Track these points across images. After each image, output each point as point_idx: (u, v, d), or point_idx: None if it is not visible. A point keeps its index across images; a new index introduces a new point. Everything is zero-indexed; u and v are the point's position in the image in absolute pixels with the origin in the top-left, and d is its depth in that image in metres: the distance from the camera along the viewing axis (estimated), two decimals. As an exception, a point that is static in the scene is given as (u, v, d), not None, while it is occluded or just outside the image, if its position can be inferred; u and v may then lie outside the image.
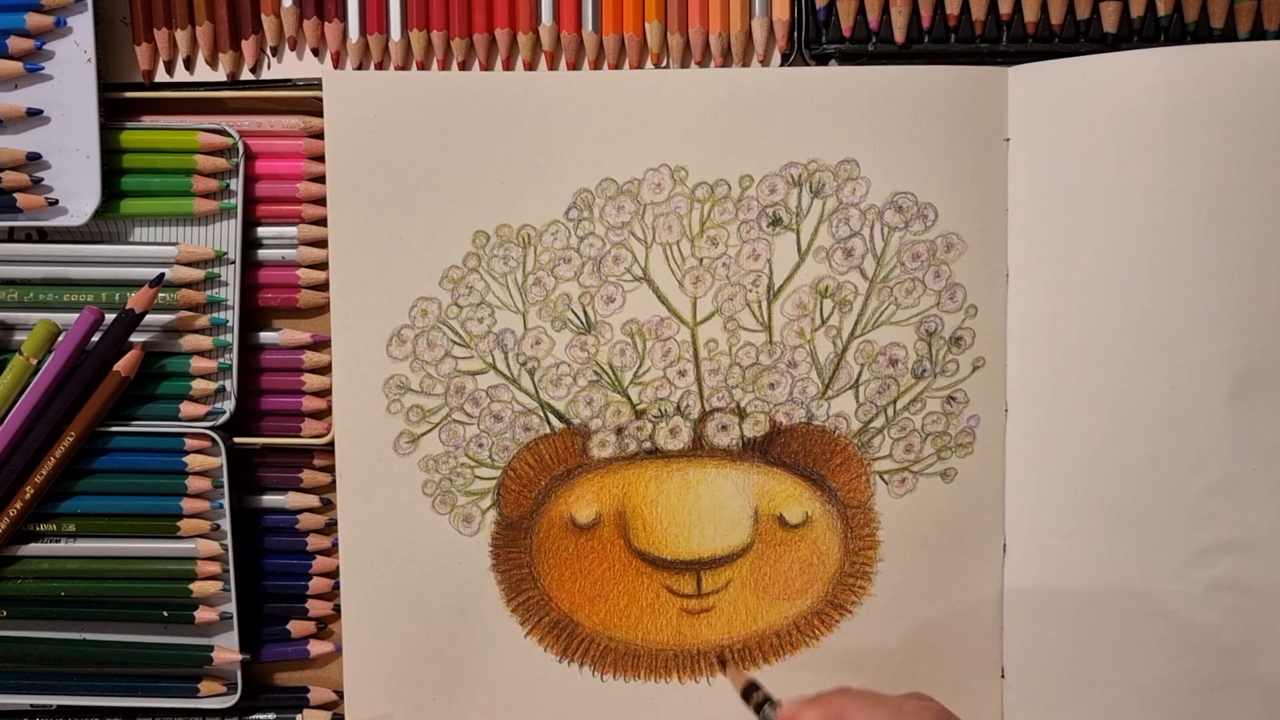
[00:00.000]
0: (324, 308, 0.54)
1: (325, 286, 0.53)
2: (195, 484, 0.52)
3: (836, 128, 0.51)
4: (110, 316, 0.52)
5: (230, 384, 0.53)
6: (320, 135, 0.52)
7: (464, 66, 0.53)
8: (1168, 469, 0.50)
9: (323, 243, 0.53)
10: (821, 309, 0.52)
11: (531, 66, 0.53)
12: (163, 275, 0.52)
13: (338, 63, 0.53)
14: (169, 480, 0.53)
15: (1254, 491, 0.50)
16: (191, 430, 0.52)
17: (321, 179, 0.52)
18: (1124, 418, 0.50)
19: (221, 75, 0.53)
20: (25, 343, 0.51)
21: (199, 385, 0.53)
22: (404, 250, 0.52)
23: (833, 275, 0.52)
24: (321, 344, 0.54)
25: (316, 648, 0.55)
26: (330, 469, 0.54)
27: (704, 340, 0.52)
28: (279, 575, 0.55)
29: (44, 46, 0.51)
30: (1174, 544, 0.50)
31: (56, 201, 0.51)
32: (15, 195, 0.51)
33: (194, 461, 0.52)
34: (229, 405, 0.53)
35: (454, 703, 0.54)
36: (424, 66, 0.53)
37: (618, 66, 0.53)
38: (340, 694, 0.55)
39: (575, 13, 0.52)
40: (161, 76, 0.53)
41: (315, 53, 0.53)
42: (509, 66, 0.53)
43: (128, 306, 0.51)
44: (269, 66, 0.54)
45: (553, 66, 0.53)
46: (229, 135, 0.52)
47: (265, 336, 0.54)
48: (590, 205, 0.52)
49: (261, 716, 0.55)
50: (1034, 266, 0.51)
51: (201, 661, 0.54)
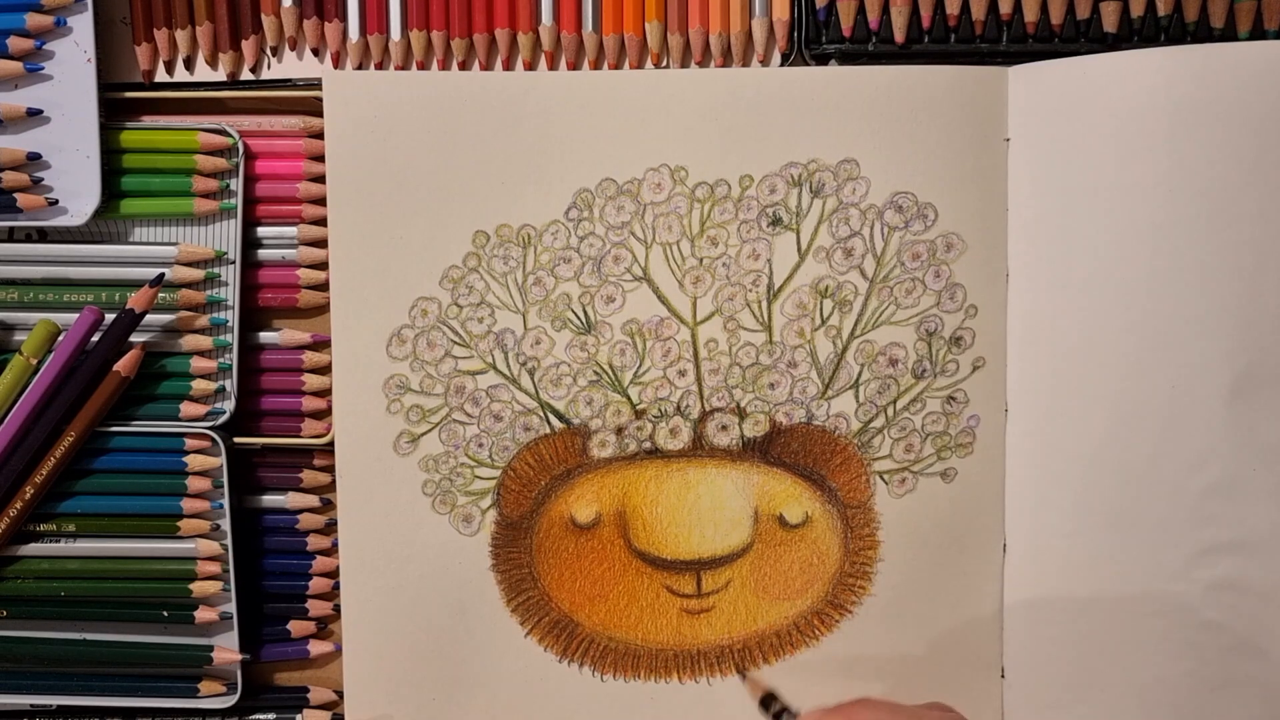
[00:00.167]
0: (324, 308, 0.54)
1: (325, 286, 0.53)
2: (195, 484, 0.52)
3: (836, 128, 0.51)
4: (110, 316, 0.52)
5: (230, 384, 0.53)
6: (320, 135, 0.52)
7: (464, 66, 0.53)
8: (1168, 469, 0.50)
9: (323, 243, 0.53)
10: (821, 309, 0.52)
11: (531, 66, 0.53)
12: (163, 275, 0.52)
13: (338, 63, 0.53)
14: (169, 480, 0.53)
15: (1254, 491, 0.50)
16: (191, 430, 0.52)
17: (321, 179, 0.52)
18: (1124, 418, 0.50)
19: (221, 75, 0.53)
20: (25, 343, 0.51)
21: (199, 385, 0.53)
22: (404, 250, 0.52)
23: (833, 275, 0.52)
24: (321, 344, 0.54)
25: (316, 648, 0.55)
26: (330, 469, 0.54)
27: (704, 340, 0.52)
28: (279, 575, 0.55)
29: (44, 46, 0.51)
30: (1174, 544, 0.50)
31: (56, 201, 0.51)
32: (15, 195, 0.51)
33: (194, 461, 0.52)
34: (229, 405, 0.53)
35: (454, 703, 0.54)
36: (424, 66, 0.53)
37: (618, 66, 0.53)
38: (340, 694, 0.55)
39: (575, 13, 0.52)
40: (161, 76, 0.54)
41: (315, 53, 0.53)
42: (509, 66, 0.53)
43: (128, 306, 0.51)
44: (269, 66, 0.54)
45: (553, 66, 0.53)
46: (229, 135, 0.52)
47: (265, 336, 0.54)
48: (590, 205, 0.52)
49: (261, 716, 0.55)
50: (1034, 266, 0.51)
51: (201, 661, 0.54)
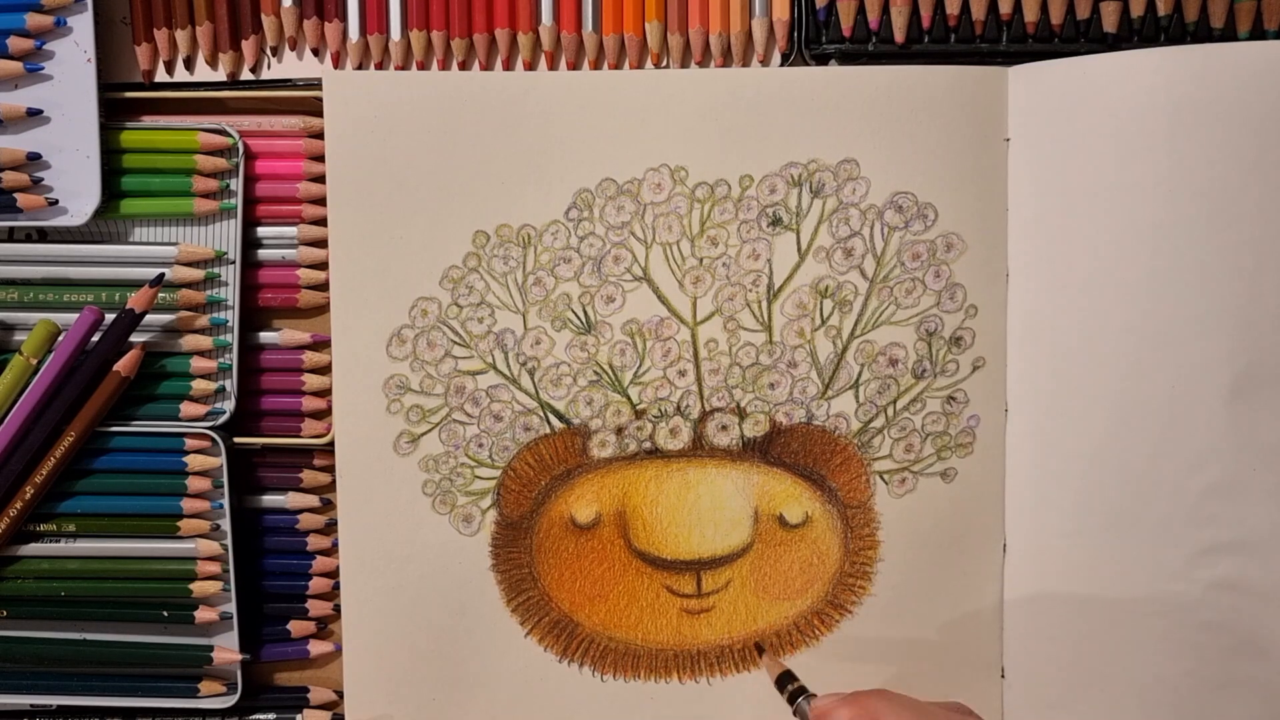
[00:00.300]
0: (324, 308, 0.54)
1: (325, 286, 0.53)
2: (195, 484, 0.52)
3: (836, 128, 0.51)
4: (110, 316, 0.52)
5: (230, 384, 0.53)
6: (320, 135, 0.52)
7: (464, 66, 0.53)
8: (1168, 469, 0.50)
9: (323, 243, 0.53)
10: (821, 309, 0.52)
11: (531, 66, 0.53)
12: (163, 275, 0.52)
13: (338, 63, 0.53)
14: (169, 480, 0.53)
15: (1254, 491, 0.50)
16: (191, 430, 0.52)
17: (321, 179, 0.52)
18: (1124, 418, 0.50)
19: (221, 75, 0.53)
20: (25, 343, 0.51)
21: (199, 385, 0.53)
22: (404, 250, 0.52)
23: (833, 275, 0.52)
24: (321, 344, 0.54)
25: (316, 648, 0.55)
26: (330, 469, 0.54)
27: (704, 340, 0.52)
28: (279, 575, 0.55)
29: (44, 46, 0.51)
30: (1174, 544, 0.50)
31: (56, 201, 0.51)
32: (15, 195, 0.51)
33: (194, 461, 0.52)
34: (229, 405, 0.53)
35: (454, 703, 0.54)
36: (424, 66, 0.53)
37: (618, 66, 0.53)
38: (340, 694, 0.55)
39: (575, 13, 0.52)
40: (161, 76, 0.54)
41: (315, 53, 0.53)
42: (509, 66, 0.53)
43: (128, 306, 0.51)
44: (269, 66, 0.54)
45: (553, 66, 0.53)
46: (229, 135, 0.52)
47: (265, 336, 0.54)
48: (590, 205, 0.52)
49: (261, 716, 0.55)
50: (1034, 266, 0.51)
51: (201, 661, 0.54)
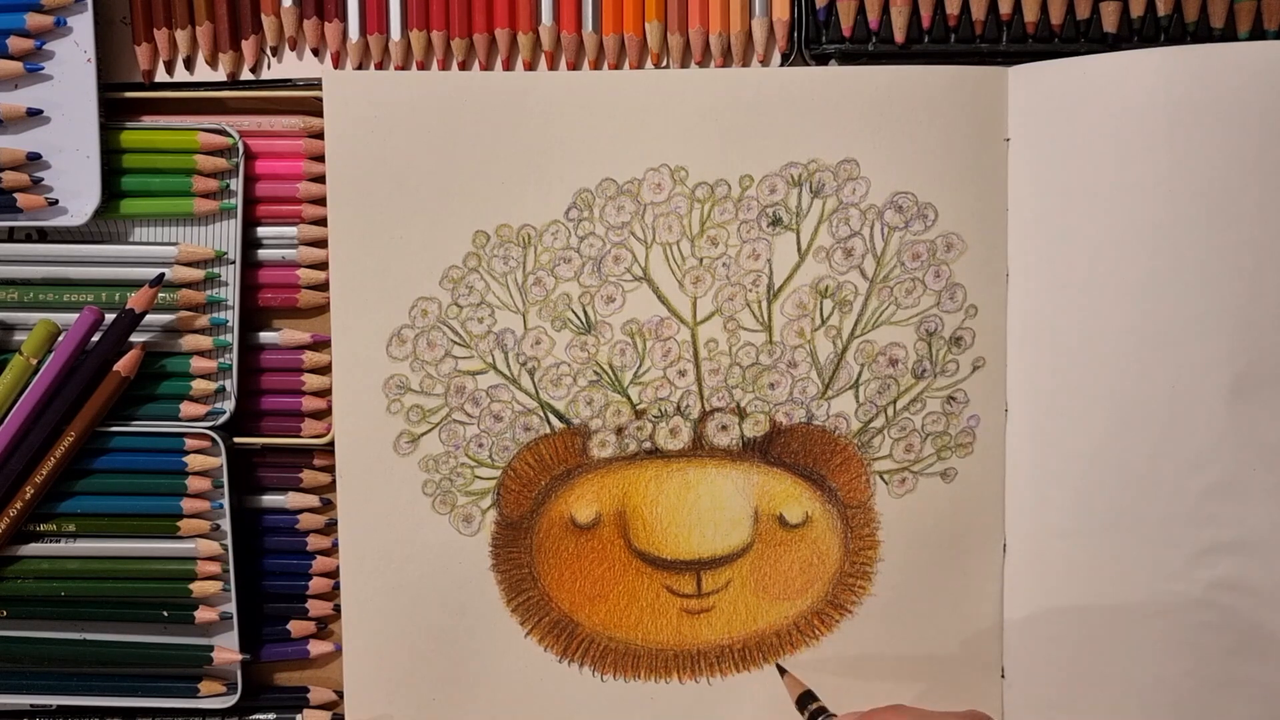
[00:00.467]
0: (324, 308, 0.54)
1: (325, 286, 0.53)
2: (195, 484, 0.52)
3: (836, 128, 0.51)
4: (110, 316, 0.52)
5: (230, 384, 0.53)
6: (320, 135, 0.52)
7: (464, 66, 0.53)
8: (1168, 469, 0.50)
9: (323, 243, 0.53)
10: (821, 309, 0.52)
11: (531, 66, 0.53)
12: (163, 275, 0.52)
13: (338, 63, 0.53)
14: (169, 480, 0.53)
15: (1254, 491, 0.50)
16: (191, 430, 0.52)
17: (321, 179, 0.52)
18: (1124, 418, 0.50)
19: (221, 75, 0.53)
20: (25, 343, 0.51)
21: (199, 385, 0.53)
22: (404, 250, 0.52)
23: (833, 275, 0.52)
24: (321, 344, 0.54)
25: (316, 648, 0.55)
26: (330, 469, 0.54)
27: (704, 340, 0.52)
28: (279, 575, 0.55)
29: (44, 46, 0.51)
30: (1174, 544, 0.50)
31: (56, 201, 0.51)
32: (15, 195, 0.51)
33: (194, 461, 0.52)
34: (229, 405, 0.53)
35: (454, 703, 0.54)
36: (424, 66, 0.53)
37: (618, 66, 0.53)
38: (340, 694, 0.55)
39: (575, 13, 0.52)
40: (161, 76, 0.54)
41: (315, 53, 0.53)
42: (509, 66, 0.53)
43: (128, 306, 0.51)
44: (269, 66, 0.54)
45: (553, 66, 0.53)
46: (229, 135, 0.52)
47: (265, 336, 0.54)
48: (590, 205, 0.52)
49: (261, 716, 0.55)
50: (1034, 266, 0.51)
51: (201, 661, 0.54)
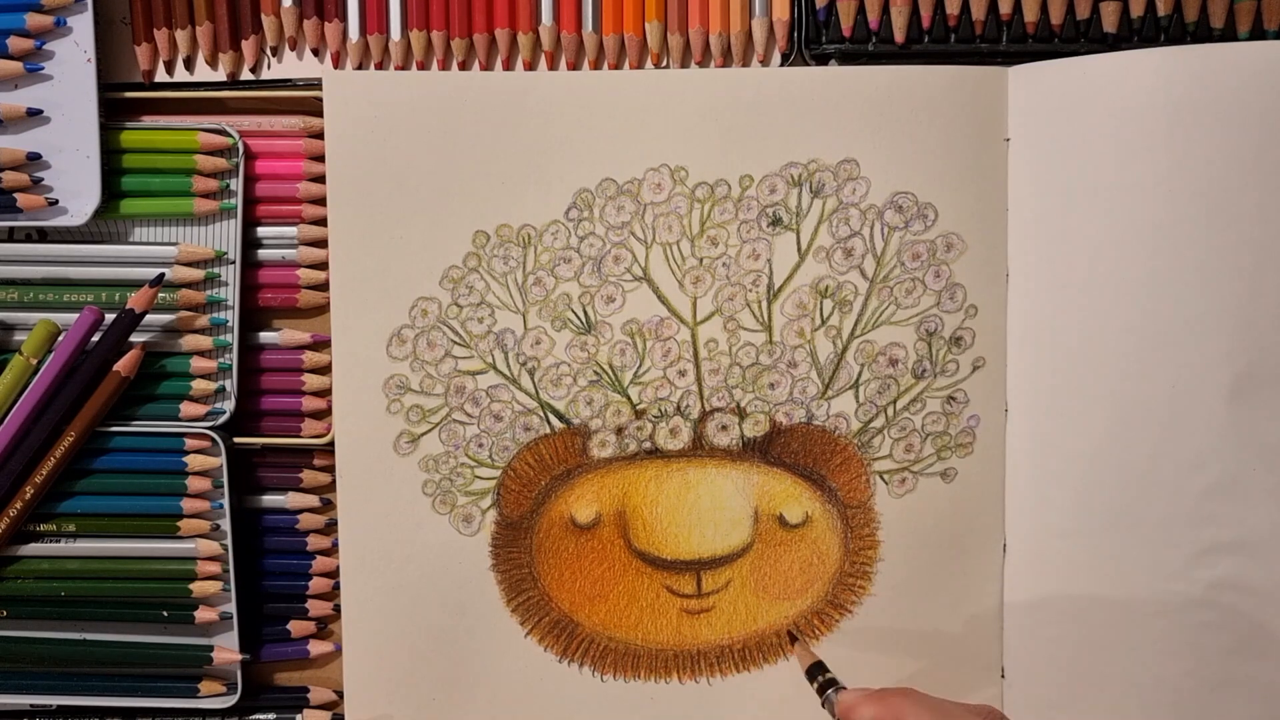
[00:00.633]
0: (324, 308, 0.54)
1: (325, 286, 0.53)
2: (195, 484, 0.52)
3: (836, 128, 0.51)
4: (110, 316, 0.52)
5: (230, 384, 0.53)
6: (320, 135, 0.52)
7: (464, 66, 0.53)
8: (1168, 469, 0.50)
9: (323, 243, 0.53)
10: (821, 309, 0.52)
11: (531, 66, 0.53)
12: (163, 275, 0.52)
13: (338, 63, 0.53)
14: (169, 480, 0.53)
15: (1254, 491, 0.50)
16: (191, 430, 0.52)
17: (321, 179, 0.52)
18: (1124, 418, 0.50)
19: (221, 75, 0.53)
20: (25, 343, 0.51)
21: (199, 385, 0.53)
22: (404, 250, 0.52)
23: (833, 275, 0.52)
24: (321, 344, 0.54)
25: (316, 648, 0.55)
26: (330, 469, 0.54)
27: (704, 340, 0.52)
28: (279, 575, 0.55)
29: (44, 46, 0.51)
30: (1174, 544, 0.50)
31: (56, 201, 0.51)
32: (15, 195, 0.51)
33: (194, 461, 0.52)
34: (229, 405, 0.53)
35: (454, 703, 0.54)
36: (424, 66, 0.53)
37: (618, 66, 0.53)
38: (340, 694, 0.55)
39: (575, 13, 0.52)
40: (161, 76, 0.54)
41: (315, 53, 0.53)
42: (509, 66, 0.53)
43: (128, 306, 0.51)
44: (269, 66, 0.54)
45: (553, 66, 0.53)
46: (229, 135, 0.52)
47: (265, 336, 0.54)
48: (590, 205, 0.52)
49: (261, 716, 0.55)
50: (1034, 266, 0.51)
51: (201, 661, 0.54)
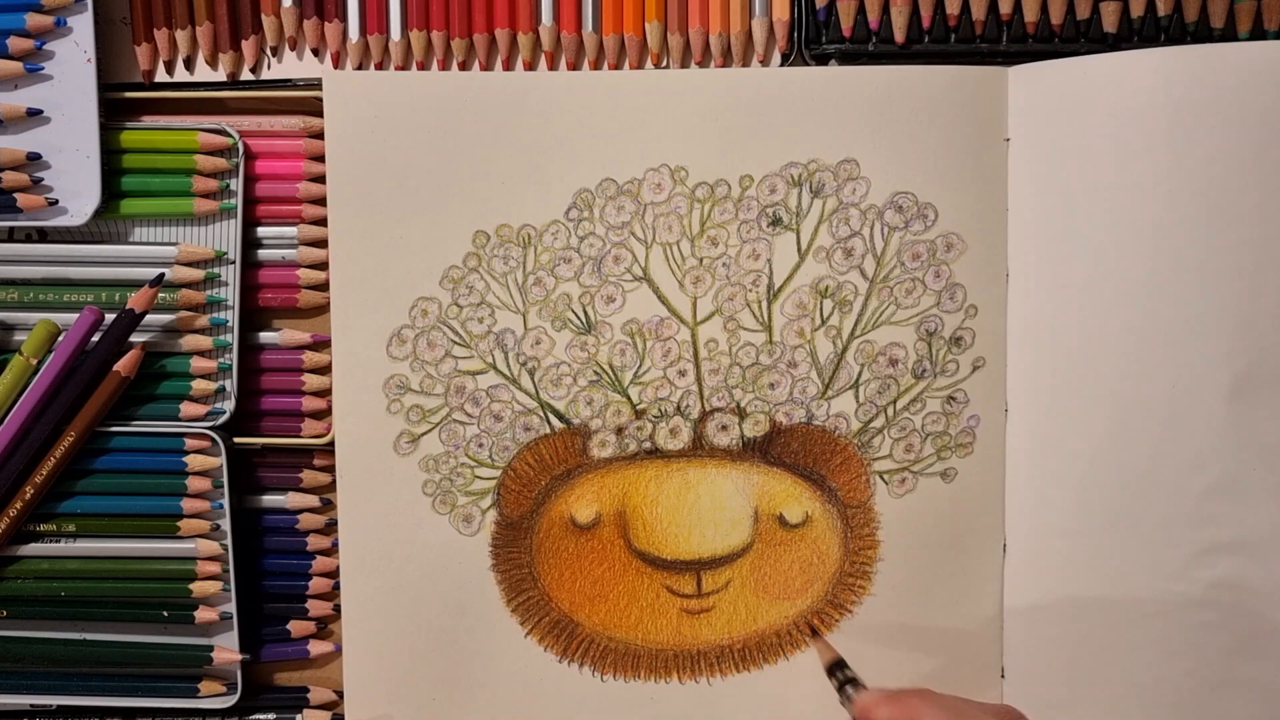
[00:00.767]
0: (324, 308, 0.54)
1: (325, 286, 0.53)
2: (195, 484, 0.52)
3: (836, 128, 0.51)
4: (110, 316, 0.52)
5: (230, 384, 0.53)
6: (320, 135, 0.52)
7: (464, 66, 0.53)
8: (1168, 469, 0.50)
9: (323, 243, 0.53)
10: (821, 309, 0.52)
11: (531, 66, 0.53)
12: (163, 275, 0.52)
13: (338, 63, 0.53)
14: (169, 480, 0.53)
15: (1254, 491, 0.50)
16: (191, 430, 0.52)
17: (321, 179, 0.52)
18: (1124, 418, 0.50)
19: (221, 75, 0.53)
20: (25, 343, 0.51)
21: (199, 385, 0.53)
22: (404, 250, 0.52)
23: (833, 275, 0.52)
24: (321, 344, 0.54)
25: (316, 648, 0.55)
26: (330, 469, 0.54)
27: (704, 340, 0.52)
28: (279, 575, 0.55)
29: (44, 46, 0.51)
30: (1174, 544, 0.50)
31: (56, 201, 0.51)
32: (15, 195, 0.51)
33: (194, 461, 0.52)
34: (229, 405, 0.53)
35: (454, 703, 0.54)
36: (424, 66, 0.53)
37: (618, 66, 0.53)
38: (340, 694, 0.55)
39: (575, 13, 0.52)
40: (161, 76, 0.54)
41: (315, 53, 0.53)
42: (509, 66, 0.53)
43: (128, 306, 0.51)
44: (269, 66, 0.54)
45: (553, 66, 0.53)
46: (229, 135, 0.52)
47: (265, 336, 0.54)
48: (590, 205, 0.52)
49: (261, 716, 0.55)
50: (1034, 266, 0.51)
51: (201, 661, 0.54)
